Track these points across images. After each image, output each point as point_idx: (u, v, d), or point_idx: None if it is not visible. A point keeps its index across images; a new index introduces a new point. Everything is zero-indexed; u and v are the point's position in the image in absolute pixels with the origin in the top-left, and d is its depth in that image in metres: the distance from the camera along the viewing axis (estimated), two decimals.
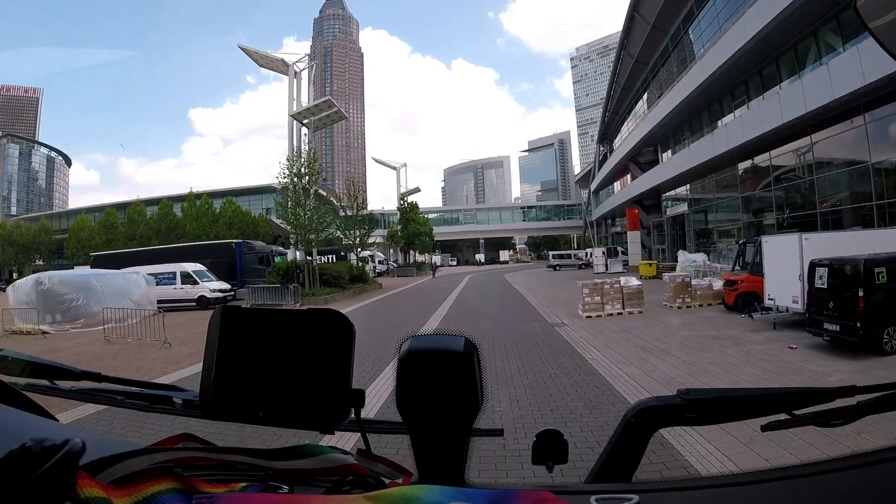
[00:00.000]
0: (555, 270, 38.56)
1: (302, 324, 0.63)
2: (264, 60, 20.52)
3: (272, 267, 18.67)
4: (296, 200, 17.82)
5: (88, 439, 0.41)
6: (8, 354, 0.88)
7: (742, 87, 22.08)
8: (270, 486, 0.57)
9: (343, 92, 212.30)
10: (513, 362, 7.01)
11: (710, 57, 20.98)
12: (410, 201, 43.75)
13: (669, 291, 12.39)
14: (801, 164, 17.55)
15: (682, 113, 26.26)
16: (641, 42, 30.91)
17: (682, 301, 12.21)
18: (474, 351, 0.63)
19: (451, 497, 0.49)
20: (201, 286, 17.07)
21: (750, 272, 11.21)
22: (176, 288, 17.07)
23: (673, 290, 12.22)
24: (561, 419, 4.53)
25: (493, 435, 0.85)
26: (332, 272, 19.91)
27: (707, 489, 0.57)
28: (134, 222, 46.00)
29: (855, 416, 0.67)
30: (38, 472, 0.36)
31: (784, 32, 16.09)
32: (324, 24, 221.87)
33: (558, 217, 70.71)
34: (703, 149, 23.12)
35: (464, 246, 76.89)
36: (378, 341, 8.65)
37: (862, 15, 0.70)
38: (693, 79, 23.00)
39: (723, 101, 23.99)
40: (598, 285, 11.20)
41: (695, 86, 22.73)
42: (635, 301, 11.50)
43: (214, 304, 16.79)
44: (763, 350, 7.45)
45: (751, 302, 10.98)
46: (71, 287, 13.90)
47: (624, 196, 39.48)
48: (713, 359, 6.91)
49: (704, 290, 12.56)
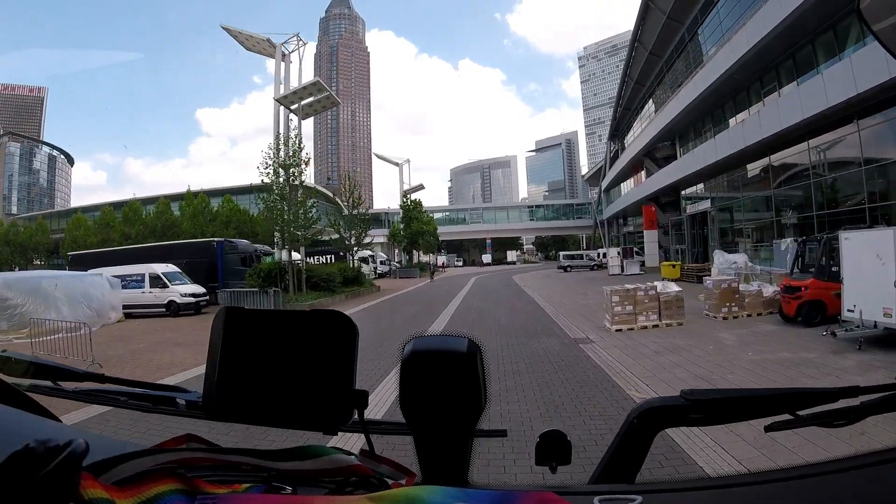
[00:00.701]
0: (565, 272, 36.50)
1: (305, 325, 0.63)
2: (250, 42, 18.56)
3: (252, 268, 16.57)
4: (280, 193, 15.84)
5: (92, 440, 0.41)
6: (11, 355, 0.88)
7: (772, 72, 20.08)
8: (274, 486, 0.57)
9: (349, 91, 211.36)
10: (529, 400, 5.08)
11: (738, 40, 19.08)
12: (414, 199, 41.66)
13: (713, 299, 10.37)
14: (849, 154, 15.48)
15: (704, 104, 24.48)
16: (656, 33, 29.42)
17: (729, 310, 10.19)
18: (478, 352, 0.63)
19: (454, 498, 0.49)
20: (171, 289, 15.13)
21: (815, 276, 9.18)
22: (144, 292, 15.20)
23: (718, 297, 10.19)
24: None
25: (497, 436, 0.83)
26: (322, 274, 17.97)
27: (710, 490, 0.57)
28: (130, 221, 44.89)
29: (858, 416, 0.66)
30: (41, 473, 0.36)
31: (824, 5, 13.98)
32: (330, 23, 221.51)
33: (567, 216, 68.50)
34: (734, 137, 21.01)
35: (470, 246, 75.12)
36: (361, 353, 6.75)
37: (865, 17, 0.69)
38: (718, 65, 21.09)
39: (751, 88, 21.97)
40: (629, 292, 9.21)
41: (720, 72, 20.85)
42: (674, 311, 9.51)
43: (186, 309, 14.96)
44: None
45: (815, 313, 9.00)
46: (16, 290, 12.12)
47: (639, 193, 37.36)
48: None
49: (753, 296, 10.54)
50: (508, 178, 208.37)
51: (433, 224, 44.26)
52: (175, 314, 14.79)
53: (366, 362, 6.49)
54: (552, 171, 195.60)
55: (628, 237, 49.38)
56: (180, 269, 16.10)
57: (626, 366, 6.55)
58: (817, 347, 7.31)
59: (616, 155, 52.67)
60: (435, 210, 68.67)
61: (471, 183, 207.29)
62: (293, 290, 15.15)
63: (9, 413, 0.75)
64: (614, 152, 53.91)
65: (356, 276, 21.06)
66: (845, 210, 15.16)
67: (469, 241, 72.88)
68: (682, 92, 26.47)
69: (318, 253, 32.32)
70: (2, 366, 0.86)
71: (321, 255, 30.79)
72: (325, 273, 18.24)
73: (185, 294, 15.13)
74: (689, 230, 28.94)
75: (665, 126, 29.97)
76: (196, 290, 15.47)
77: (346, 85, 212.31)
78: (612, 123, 52.36)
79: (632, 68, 37.87)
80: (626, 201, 42.65)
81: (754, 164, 21.86)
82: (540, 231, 71.86)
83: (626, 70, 39.85)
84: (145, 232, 41.47)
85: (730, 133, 21.86)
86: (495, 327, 10.52)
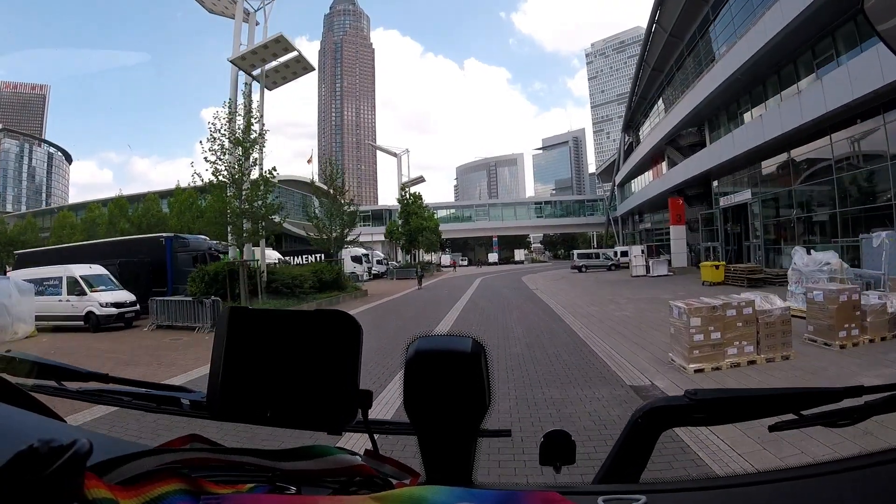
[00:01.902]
0: (580, 272, 33.13)
1: (309, 325, 0.62)
2: (210, 2, 15.40)
3: (196, 271, 13.10)
4: (231, 176, 12.49)
5: (96, 440, 0.41)
6: (15, 355, 0.87)
7: (828, 38, 16.78)
8: (278, 486, 0.56)
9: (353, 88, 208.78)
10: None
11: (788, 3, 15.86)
12: (414, 193, 38.02)
13: (824, 317, 7.11)
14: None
15: (738, 83, 21.49)
16: (677, 13, 26.83)
17: (848, 334, 6.95)
18: (482, 352, 0.63)
19: (458, 498, 0.49)
20: (89, 297, 11.91)
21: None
22: (61, 299, 12.09)
23: (834, 315, 6.92)
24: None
25: (501, 436, 0.84)
26: (286, 277, 14.66)
27: (715, 490, 0.57)
28: (115, 218, 42.55)
29: (863, 416, 0.66)
30: (45, 473, 0.36)
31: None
32: (334, 19, 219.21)
33: (577, 213, 64.89)
34: (789, 113, 17.62)
35: (476, 245, 71.91)
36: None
37: (870, 17, 0.69)
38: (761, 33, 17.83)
39: (798, 61, 18.68)
40: (715, 310, 5.95)
41: (764, 41, 17.65)
42: (777, 338, 6.27)
43: (106, 323, 11.81)
44: None
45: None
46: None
47: (661, 186, 33.99)
48: None
49: (877, 313, 7.28)
50: (515, 177, 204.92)
51: (434, 220, 40.60)
52: (96, 328, 11.65)
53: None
54: (559, 169, 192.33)
55: (645, 235, 46.02)
56: (110, 271, 12.88)
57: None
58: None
59: (630, 147, 49.43)
60: (439, 206, 65.61)
61: (477, 181, 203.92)
62: (245, 298, 11.87)
63: (13, 413, 0.74)
64: (628, 144, 50.66)
65: (335, 278, 17.75)
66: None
67: (475, 239, 69.70)
68: (716, 68, 23.27)
69: (299, 252, 29.17)
70: (6, 366, 0.85)
71: (305, 255, 27.62)
72: (290, 276, 14.88)
73: (107, 303, 11.90)
74: (721, 225, 25.52)
75: (692, 110, 26.92)
76: (121, 299, 12.13)
77: (351, 81, 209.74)
78: (627, 114, 49.22)
79: (649, 53, 35.51)
80: (645, 195, 39.21)
81: (807, 148, 18.50)
82: (548, 229, 68.38)
83: (642, 55, 37.11)
84: (132, 230, 39.42)
85: (783, 108, 18.48)
86: (504, 354, 7.30)
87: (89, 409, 4.10)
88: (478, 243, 70.84)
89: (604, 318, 10.61)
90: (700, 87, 25.90)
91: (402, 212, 36.27)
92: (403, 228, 36.03)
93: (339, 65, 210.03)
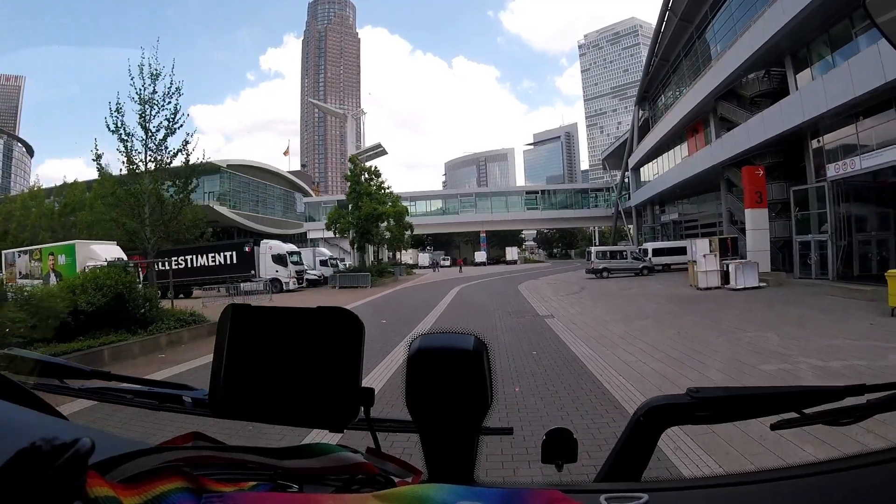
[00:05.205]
0: (600, 278, 23.54)
1: (311, 322, 0.62)
2: None
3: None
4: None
5: (98, 438, 0.41)
6: (17, 353, 0.87)
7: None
8: (280, 485, 0.56)
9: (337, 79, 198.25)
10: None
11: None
12: (369, 167, 27.70)
13: None
14: None
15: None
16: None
17: None
18: (484, 349, 0.63)
19: (460, 496, 0.49)
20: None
21: None
22: None
23: None
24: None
25: (503, 434, 0.83)
26: None
27: (716, 488, 0.56)
28: (27, 210, 32.57)
29: (864, 414, 0.65)
30: (47, 471, 0.36)
31: None
32: (318, 7, 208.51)
33: (577, 205, 55.38)
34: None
35: (461, 242, 62.38)
36: None
37: (870, 11, 0.69)
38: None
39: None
40: None
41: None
42: None
43: None
44: None
45: None
46: None
47: (711, 158, 24.79)
48: None
49: None
50: (505, 173, 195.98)
51: (400, 205, 30.10)
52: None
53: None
54: (551, 166, 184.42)
55: (672, 228, 36.84)
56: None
57: None
58: None
59: (646, 123, 40.19)
60: (420, 197, 55.88)
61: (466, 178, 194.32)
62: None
63: (15, 411, 0.74)
64: (643, 120, 41.43)
65: (120, 304, 7.93)
66: None
67: (460, 235, 60.17)
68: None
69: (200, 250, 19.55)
70: (8, 364, 0.85)
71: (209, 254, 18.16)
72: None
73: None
74: (832, 209, 16.16)
75: (767, 41, 17.84)
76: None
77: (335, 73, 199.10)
78: (643, 83, 40.02)
79: (675, 2, 27.45)
80: (679, 176, 29.85)
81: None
82: (545, 223, 58.77)
83: (665, 4, 28.06)
84: (42, 223, 29.94)
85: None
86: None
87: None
88: (463, 240, 61.40)
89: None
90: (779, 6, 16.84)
91: (351, 192, 26.18)
92: (353, 216, 25.78)
93: (323, 54, 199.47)
